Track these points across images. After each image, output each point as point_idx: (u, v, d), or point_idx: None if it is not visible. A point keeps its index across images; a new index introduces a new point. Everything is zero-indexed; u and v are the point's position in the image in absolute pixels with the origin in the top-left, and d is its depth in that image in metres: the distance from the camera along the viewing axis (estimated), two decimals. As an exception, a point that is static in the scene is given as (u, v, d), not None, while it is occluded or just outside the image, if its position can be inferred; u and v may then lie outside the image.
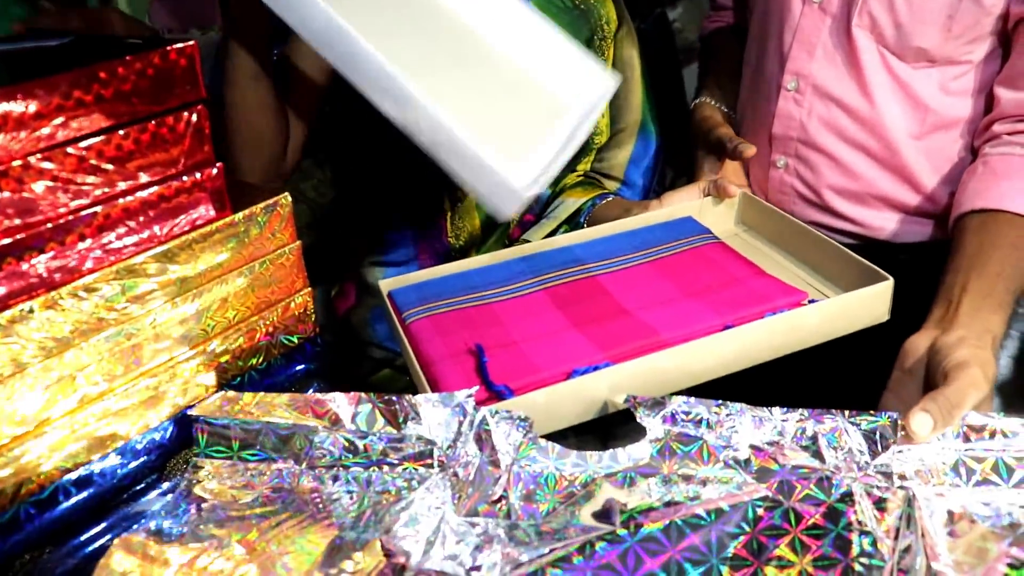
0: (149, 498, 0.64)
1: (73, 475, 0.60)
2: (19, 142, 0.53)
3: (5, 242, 0.54)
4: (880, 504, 0.53)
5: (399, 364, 1.14)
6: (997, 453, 0.55)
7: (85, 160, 0.57)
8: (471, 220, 1.06)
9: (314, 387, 0.76)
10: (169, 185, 0.62)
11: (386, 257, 1.11)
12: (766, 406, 0.61)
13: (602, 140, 1.14)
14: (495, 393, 0.66)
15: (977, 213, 0.83)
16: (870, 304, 0.76)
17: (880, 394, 0.73)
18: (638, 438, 0.60)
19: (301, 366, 0.76)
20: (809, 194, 1.04)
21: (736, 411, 0.61)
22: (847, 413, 0.60)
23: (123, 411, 0.63)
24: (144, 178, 0.61)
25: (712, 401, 0.62)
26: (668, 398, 0.62)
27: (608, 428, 0.64)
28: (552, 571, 0.51)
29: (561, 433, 0.65)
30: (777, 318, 0.73)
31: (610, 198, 1.08)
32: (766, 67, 1.04)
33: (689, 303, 0.77)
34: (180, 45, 0.60)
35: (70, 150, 0.56)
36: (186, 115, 0.62)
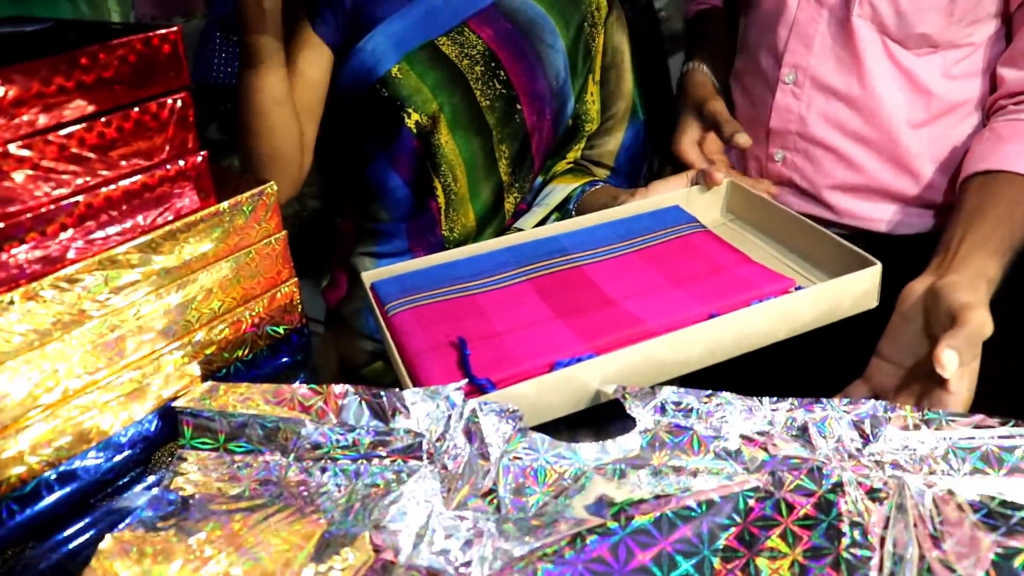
0: (134, 492, 0.63)
1: (56, 470, 0.60)
2: (-2, 130, 0.52)
3: (-16, 232, 0.53)
4: (872, 494, 0.53)
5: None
6: (988, 442, 0.55)
7: (66, 148, 0.56)
8: (465, 213, 1.04)
9: (300, 378, 0.75)
10: (152, 174, 0.61)
11: (378, 248, 1.10)
12: (756, 396, 0.61)
13: (592, 127, 1.13)
14: (477, 386, 0.66)
15: (980, 175, 0.85)
16: (859, 290, 0.75)
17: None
18: (630, 431, 0.60)
19: (287, 357, 0.75)
20: (807, 187, 1.04)
21: (726, 401, 0.61)
22: (837, 402, 0.60)
23: (107, 404, 0.62)
24: (127, 167, 0.60)
25: (702, 391, 0.61)
26: (658, 388, 0.62)
27: (601, 421, 0.64)
28: (543, 565, 0.51)
29: (555, 428, 0.64)
30: (764, 305, 0.72)
31: (599, 185, 1.07)
32: (761, 61, 1.04)
33: (675, 292, 0.76)
34: (163, 31, 0.59)
35: (51, 138, 0.55)
36: (170, 102, 0.61)
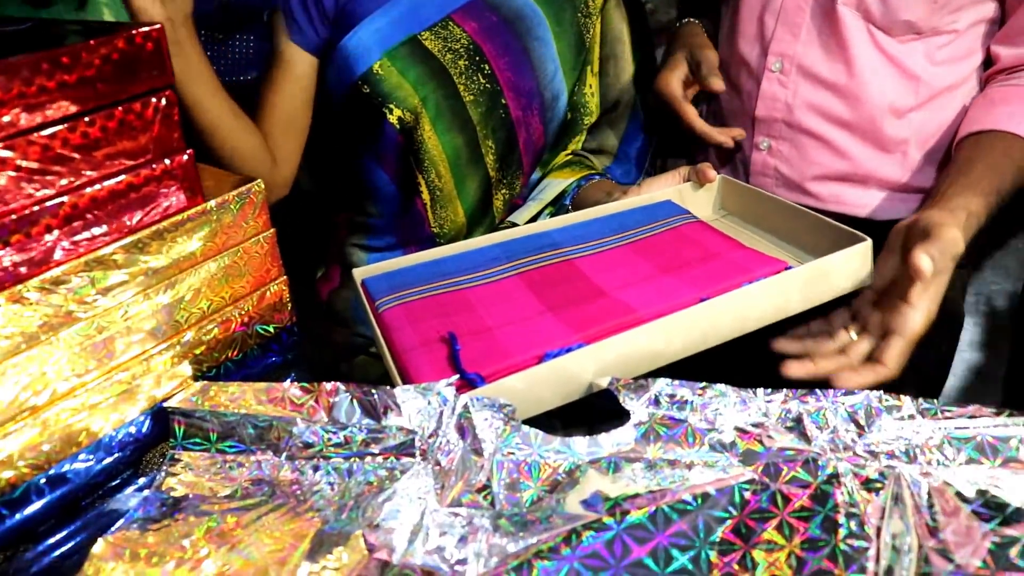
0: (125, 494, 0.63)
1: (46, 473, 0.59)
2: (-21, 131, 0.51)
3: (-32, 235, 0.53)
4: (868, 484, 0.53)
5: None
6: (982, 432, 0.55)
7: (50, 149, 0.55)
8: (454, 210, 1.03)
9: (291, 377, 0.74)
10: (138, 173, 0.60)
11: (369, 241, 1.09)
12: (750, 388, 0.61)
13: (592, 120, 1.11)
14: (467, 381, 0.65)
15: (973, 135, 0.88)
16: (851, 267, 0.75)
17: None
18: (623, 424, 0.59)
19: (278, 356, 0.75)
20: (792, 175, 1.04)
21: (720, 393, 0.61)
22: (831, 393, 0.59)
23: (96, 406, 0.61)
24: (112, 166, 0.59)
25: (696, 383, 0.61)
26: (651, 380, 0.61)
27: (595, 416, 0.63)
28: (539, 562, 0.50)
29: (548, 423, 0.64)
30: (756, 285, 0.71)
31: (595, 179, 1.06)
32: (747, 50, 1.03)
33: (666, 279, 0.75)
34: (146, 29, 0.58)
35: (34, 138, 0.54)
36: (154, 101, 0.60)
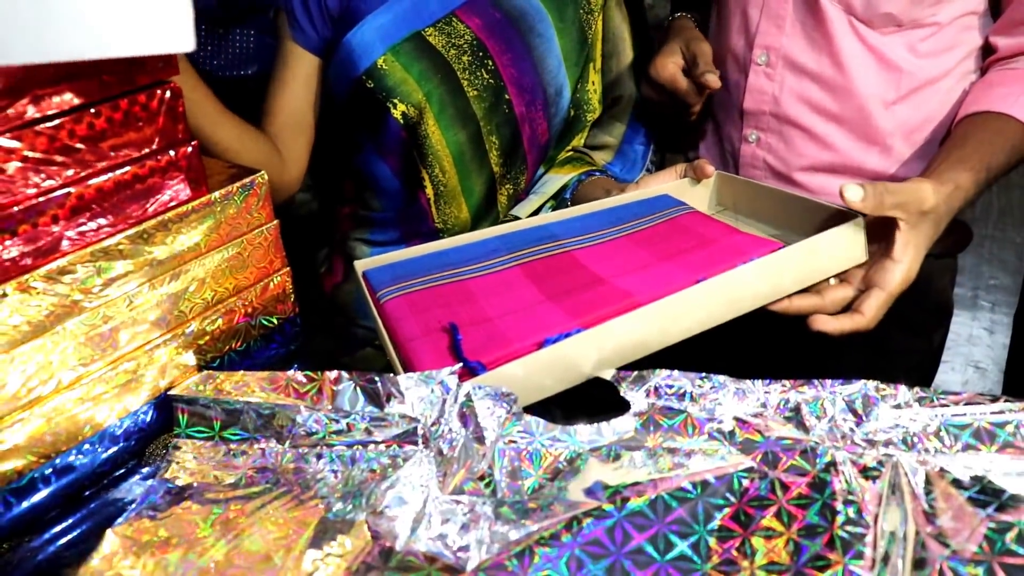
0: (129, 484, 0.63)
1: (51, 462, 0.59)
2: (-14, 122, 0.52)
3: (-25, 225, 0.53)
4: (865, 472, 0.53)
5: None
6: (979, 419, 0.56)
7: (56, 140, 0.55)
8: (457, 206, 1.04)
9: (294, 368, 0.75)
10: (143, 164, 0.61)
11: (372, 236, 1.10)
12: (749, 378, 0.61)
13: (594, 116, 1.12)
14: (469, 369, 0.66)
15: (970, 116, 0.89)
16: (845, 243, 0.75)
17: (860, 361, 0.74)
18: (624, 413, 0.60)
19: (281, 347, 0.75)
20: (780, 167, 1.05)
21: (719, 384, 0.61)
22: (828, 382, 0.60)
23: (101, 396, 0.62)
24: (117, 157, 0.59)
25: (695, 374, 0.62)
26: (651, 372, 0.62)
27: (596, 406, 0.64)
28: (540, 549, 0.51)
29: (550, 414, 0.64)
30: (750, 265, 0.72)
31: (595, 176, 1.07)
32: (733, 43, 1.04)
33: (664, 265, 0.76)
34: (151, 21, 0.59)
35: (40, 129, 0.54)
36: (159, 93, 0.61)
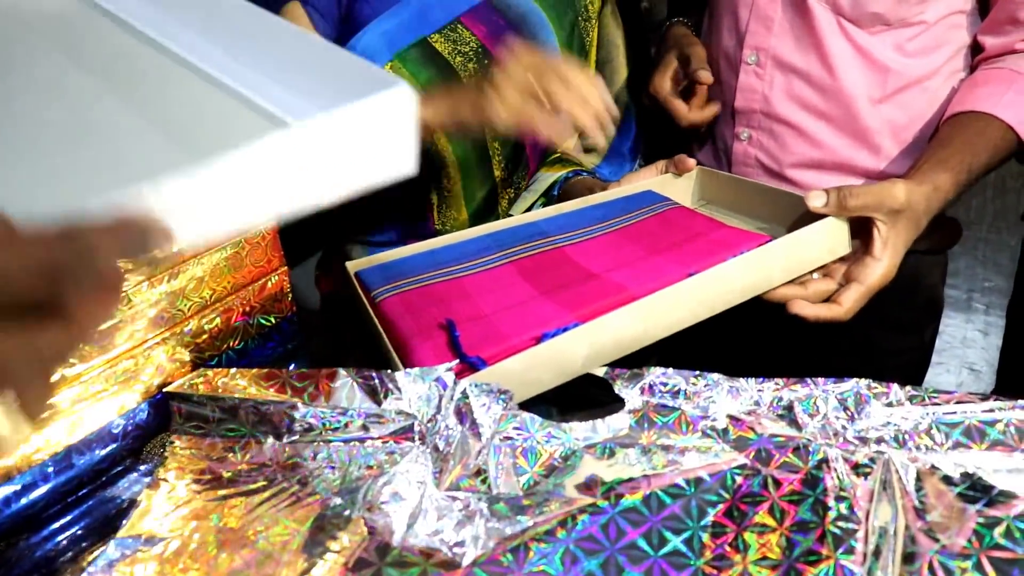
0: (127, 481, 0.64)
1: (50, 461, 0.60)
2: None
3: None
4: (857, 469, 0.54)
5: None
6: (970, 417, 0.56)
7: (53, 140, 0.56)
8: (458, 210, 1.05)
9: (292, 367, 0.75)
10: (140, 164, 0.61)
11: (370, 237, 1.10)
12: (742, 376, 0.62)
13: None
14: (469, 365, 0.66)
15: (954, 116, 0.90)
16: (829, 236, 0.78)
17: (852, 359, 0.75)
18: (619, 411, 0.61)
19: (278, 346, 0.76)
20: (772, 164, 1.05)
21: (713, 382, 0.62)
22: (821, 381, 0.61)
23: (99, 394, 0.62)
24: (114, 158, 0.60)
25: (689, 372, 0.62)
26: (646, 370, 0.62)
27: (591, 405, 0.64)
28: (535, 544, 0.51)
29: (545, 410, 0.65)
30: (740, 258, 0.74)
31: (581, 175, 1.08)
32: (724, 43, 1.05)
33: (655, 259, 0.78)
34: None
35: (37, 130, 0.55)
36: (155, 93, 0.61)
